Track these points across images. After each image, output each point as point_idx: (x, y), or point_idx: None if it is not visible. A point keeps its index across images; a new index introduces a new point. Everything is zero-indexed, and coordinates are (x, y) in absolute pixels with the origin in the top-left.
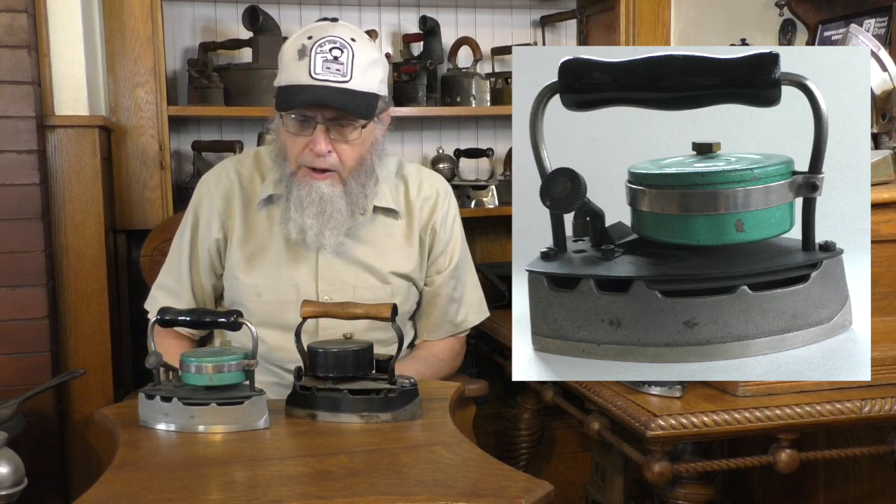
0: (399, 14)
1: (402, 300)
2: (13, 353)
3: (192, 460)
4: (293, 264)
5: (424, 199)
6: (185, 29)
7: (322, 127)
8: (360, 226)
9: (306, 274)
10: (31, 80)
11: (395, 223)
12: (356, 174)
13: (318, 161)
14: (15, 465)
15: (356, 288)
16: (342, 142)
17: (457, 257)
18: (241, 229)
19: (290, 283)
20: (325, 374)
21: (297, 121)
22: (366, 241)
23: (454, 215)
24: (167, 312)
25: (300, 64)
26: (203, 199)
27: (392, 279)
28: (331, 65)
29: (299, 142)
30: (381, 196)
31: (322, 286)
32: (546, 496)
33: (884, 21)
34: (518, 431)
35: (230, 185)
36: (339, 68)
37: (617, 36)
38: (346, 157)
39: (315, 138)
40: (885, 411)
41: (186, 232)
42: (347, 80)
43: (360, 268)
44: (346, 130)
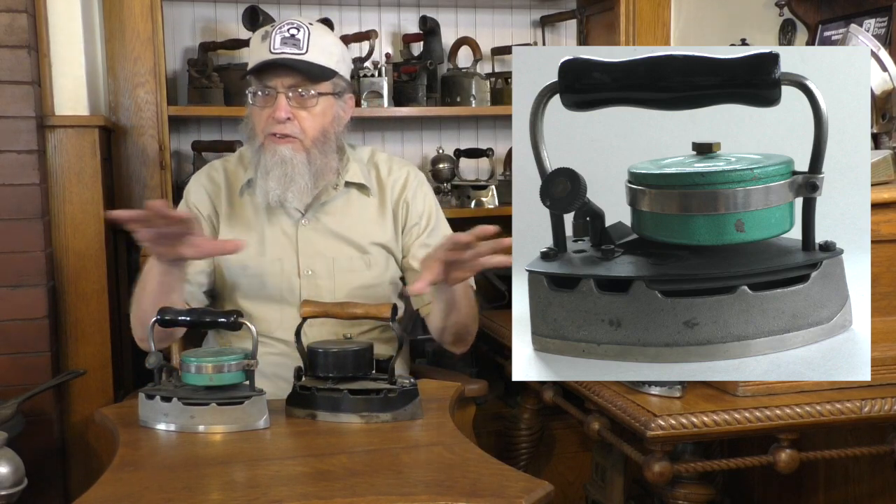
0: (399, 14)
1: (382, 270)
2: (13, 353)
3: (192, 460)
4: (275, 241)
5: (395, 179)
6: (185, 29)
7: (282, 95)
8: (334, 200)
9: (288, 249)
10: (31, 80)
11: (368, 200)
12: (319, 145)
13: (279, 127)
14: (15, 465)
15: (335, 259)
16: (301, 109)
17: (431, 226)
18: (227, 213)
19: (273, 257)
20: (325, 374)
21: (261, 95)
22: (341, 214)
23: (427, 191)
24: (167, 312)
25: (262, 45)
26: (192, 188)
27: (370, 248)
28: (288, 41)
29: (264, 114)
30: (353, 173)
31: (303, 260)
32: (546, 496)
33: (884, 21)
34: (518, 431)
35: (217, 177)
36: (296, 43)
37: (617, 36)
38: (307, 126)
39: (276, 105)
40: (885, 411)
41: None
42: (303, 52)
43: (337, 240)
44: (305, 99)
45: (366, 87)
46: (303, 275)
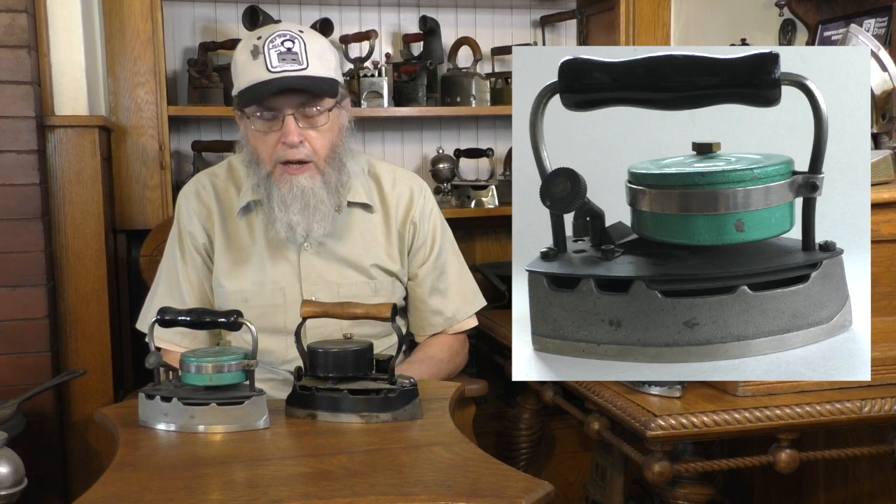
0: (399, 14)
1: (388, 295)
2: (13, 353)
3: (192, 460)
4: (276, 268)
5: (399, 195)
6: (185, 29)
7: (290, 118)
8: (337, 222)
9: (290, 276)
10: (31, 80)
11: (371, 218)
12: (331, 162)
13: (292, 153)
14: (15, 465)
15: (340, 286)
16: (312, 129)
17: (437, 247)
18: (221, 238)
19: (274, 287)
20: (325, 374)
21: (263, 119)
22: (344, 238)
23: (432, 207)
24: (167, 312)
25: (256, 63)
26: (183, 211)
27: (375, 273)
28: (286, 56)
29: (270, 139)
30: (354, 191)
31: (306, 287)
32: (546, 496)
33: (884, 21)
34: (518, 431)
35: (207, 196)
36: (295, 58)
37: (617, 36)
38: (319, 146)
39: (286, 129)
40: (885, 411)
41: (175, 247)
42: (305, 67)
43: (342, 264)
44: (314, 118)
45: (366, 87)
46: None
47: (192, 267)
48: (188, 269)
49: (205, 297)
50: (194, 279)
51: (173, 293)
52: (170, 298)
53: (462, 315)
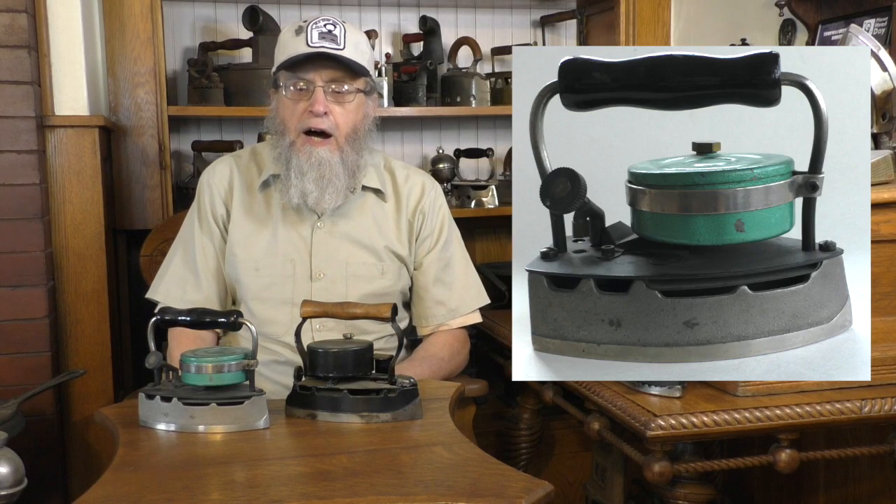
0: (399, 14)
1: (395, 279)
2: (13, 353)
3: (192, 460)
4: (289, 241)
5: (411, 187)
6: (185, 29)
7: (320, 89)
8: (351, 203)
9: (301, 250)
10: (31, 80)
11: (384, 204)
12: (351, 142)
13: (316, 121)
14: (15, 465)
15: (349, 264)
16: (337, 104)
17: (444, 239)
18: (240, 210)
19: (285, 258)
20: (325, 374)
21: (296, 88)
22: (357, 218)
23: (442, 203)
24: (167, 312)
25: (298, 39)
26: (204, 186)
27: (384, 255)
28: (326, 35)
29: (298, 108)
30: (370, 177)
31: (316, 262)
32: (546, 496)
33: (884, 21)
34: (518, 431)
35: (229, 172)
36: (334, 38)
37: (617, 36)
38: (342, 122)
39: (314, 99)
40: (885, 411)
41: (194, 216)
42: (342, 48)
43: (353, 244)
44: (343, 94)
45: None
46: (315, 278)
47: (209, 237)
48: (204, 239)
49: (218, 269)
50: (209, 249)
51: (188, 262)
52: (184, 267)
53: (465, 308)
